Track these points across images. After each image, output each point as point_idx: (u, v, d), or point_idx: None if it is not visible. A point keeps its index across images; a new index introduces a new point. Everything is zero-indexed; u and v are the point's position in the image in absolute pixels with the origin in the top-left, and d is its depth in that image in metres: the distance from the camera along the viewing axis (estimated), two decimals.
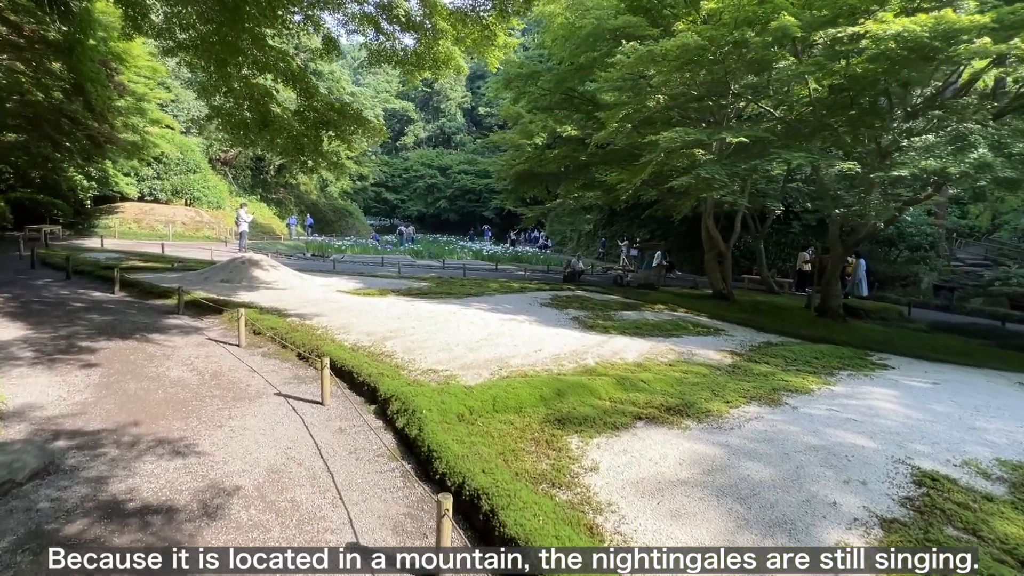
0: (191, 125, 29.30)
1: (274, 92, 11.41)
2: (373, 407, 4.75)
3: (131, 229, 21.92)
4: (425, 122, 68.14)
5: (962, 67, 8.97)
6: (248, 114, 11.62)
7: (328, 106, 11.60)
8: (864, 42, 7.07)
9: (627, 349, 6.98)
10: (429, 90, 70.47)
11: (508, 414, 4.40)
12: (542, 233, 43.99)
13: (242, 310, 6.38)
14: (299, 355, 6.09)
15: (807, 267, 16.04)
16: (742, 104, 13.17)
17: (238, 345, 6.40)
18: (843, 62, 8.20)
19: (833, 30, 7.49)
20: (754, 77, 10.53)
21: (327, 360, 4.69)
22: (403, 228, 34.01)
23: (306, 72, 11.42)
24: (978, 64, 8.69)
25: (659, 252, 23.40)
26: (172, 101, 25.74)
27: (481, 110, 72.07)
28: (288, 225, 28.93)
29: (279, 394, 4.93)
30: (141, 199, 24.28)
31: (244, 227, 17.84)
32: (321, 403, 4.76)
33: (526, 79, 15.16)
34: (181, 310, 7.83)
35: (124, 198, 23.57)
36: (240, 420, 4.23)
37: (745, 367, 6.42)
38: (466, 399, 4.49)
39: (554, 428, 4.13)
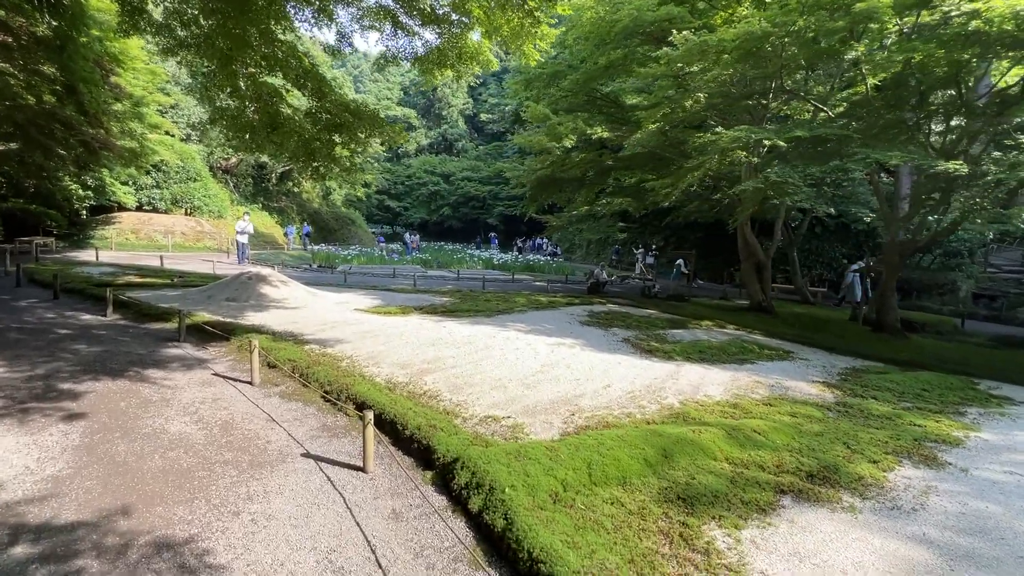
0: (191, 132, 28.42)
1: (284, 92, 10.46)
2: (430, 474, 3.72)
3: (128, 240, 20.93)
4: (427, 129, 67.50)
5: None
6: (255, 116, 10.68)
7: (342, 107, 10.65)
8: (975, 23, 6.13)
9: (706, 382, 5.96)
10: (430, 97, 69.96)
11: (612, 488, 3.38)
12: (545, 240, 43.10)
13: (255, 340, 5.37)
14: (325, 395, 5.07)
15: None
16: (774, 105, 12.24)
17: (251, 383, 5.37)
18: (929, 46, 7.25)
19: (927, 12, 6.56)
20: (802, 72, 9.64)
21: (370, 416, 3.66)
22: (409, 236, 32.99)
23: (317, 70, 10.48)
24: None
25: (680, 260, 22.48)
26: (172, 107, 24.84)
27: (483, 116, 71.47)
28: (285, 234, 27.89)
29: (308, 455, 3.90)
30: (139, 208, 23.30)
31: (245, 238, 16.80)
32: (363, 470, 3.73)
33: (549, 79, 14.27)
34: (182, 336, 6.81)
35: (121, 208, 22.60)
36: (263, 502, 3.20)
37: (856, 405, 5.40)
38: (553, 466, 3.47)
39: (681, 512, 3.10)
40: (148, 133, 17.36)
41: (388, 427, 4.36)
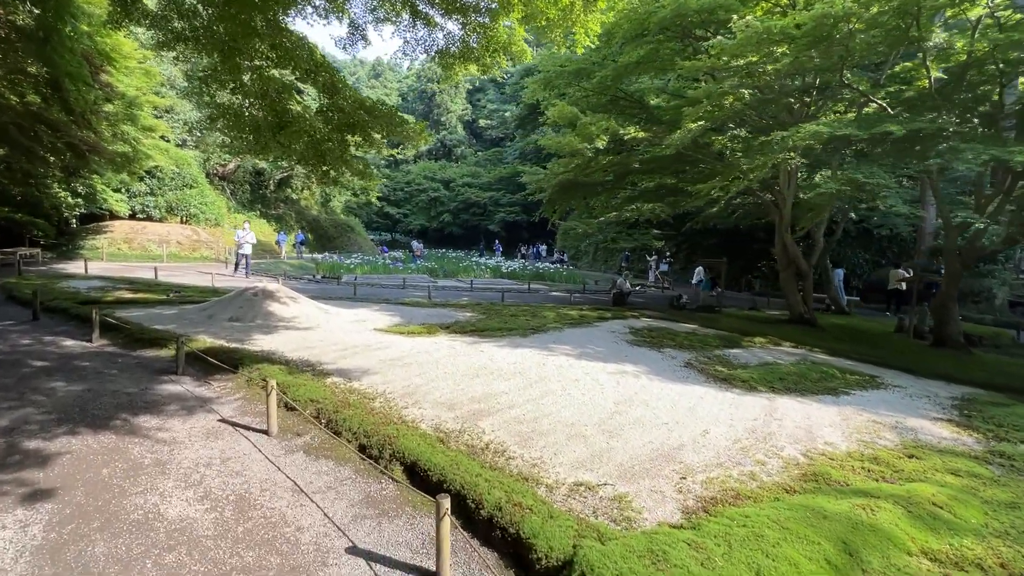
0: (187, 137, 27.37)
1: (293, 88, 9.47)
2: None
3: (120, 250, 19.81)
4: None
5: None
6: (261, 114, 9.70)
7: (356, 104, 9.67)
8: None
9: (815, 422, 4.97)
10: (429, 103, 69.31)
11: None
12: (544, 246, 42.18)
13: (272, 381, 4.33)
14: (362, 451, 4.04)
15: (902, 286, 14.08)
16: (810, 104, 11.37)
17: (267, 432, 4.33)
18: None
19: None
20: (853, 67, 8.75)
21: (446, 504, 2.63)
22: (415, 244, 31.97)
23: (328, 62, 9.50)
24: None
25: (700, 267, 21.55)
26: (167, 111, 23.79)
27: (482, 122, 70.78)
28: (277, 243, 26.71)
29: (354, 550, 2.87)
30: (132, 216, 22.18)
31: (247, 249, 15.68)
32: (436, 575, 2.70)
33: (572, 78, 13.33)
34: (181, 368, 5.75)
35: (113, 216, 21.47)
36: None
37: (1010, 452, 4.42)
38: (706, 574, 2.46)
39: None
40: (142, 137, 16.30)
41: (454, 499, 3.33)
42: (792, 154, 9.50)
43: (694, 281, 21.87)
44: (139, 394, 5.03)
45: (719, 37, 9.81)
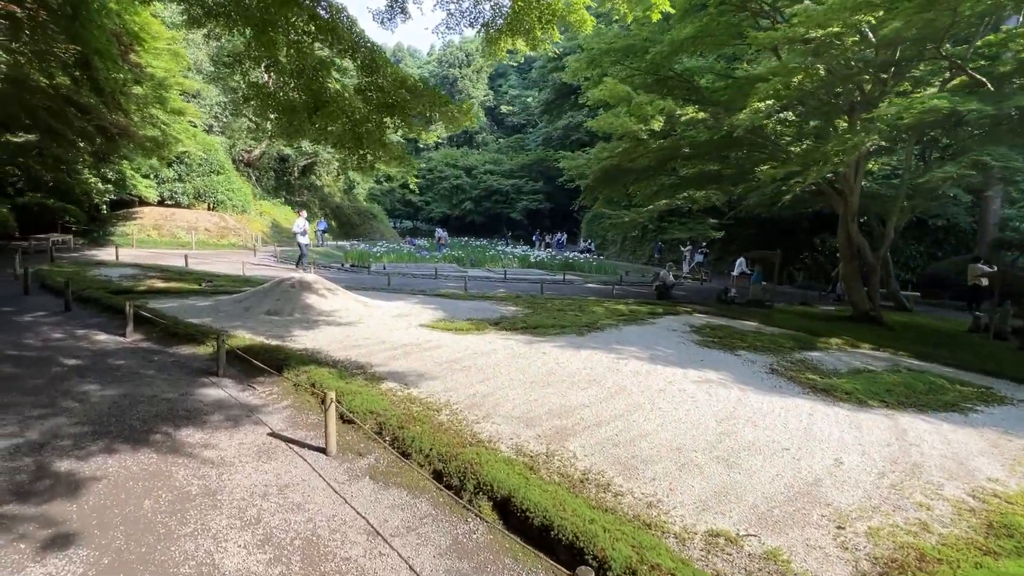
0: (214, 123, 27.13)
1: (331, 64, 8.82)
2: None
3: (150, 237, 19.67)
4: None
5: None
6: (296, 94, 9.10)
7: (398, 82, 8.99)
8: None
9: (961, 450, 4.20)
10: (450, 89, 68.32)
11: None
12: (565, 235, 41.23)
13: (331, 395, 3.73)
14: (438, 479, 3.44)
15: (983, 282, 12.95)
16: (886, 80, 10.27)
17: (325, 451, 3.76)
18: None
19: None
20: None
21: None
22: (440, 232, 31.41)
23: (368, 36, 8.82)
24: None
25: (740, 259, 20.50)
26: (194, 96, 23.48)
27: (503, 109, 69.57)
28: (295, 234, 26.34)
29: None
30: (161, 203, 22.04)
31: (304, 239, 15.10)
32: None
33: (620, 55, 12.40)
34: (222, 369, 5.23)
35: (143, 202, 21.35)
36: None
37: None
38: None
39: None
40: (171, 120, 15.93)
41: (565, 551, 2.71)
42: (874, 136, 8.54)
43: (734, 273, 20.85)
44: (179, 400, 4.51)
45: (801, 4, 8.82)
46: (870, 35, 8.39)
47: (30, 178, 18.26)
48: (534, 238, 38.22)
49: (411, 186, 10.74)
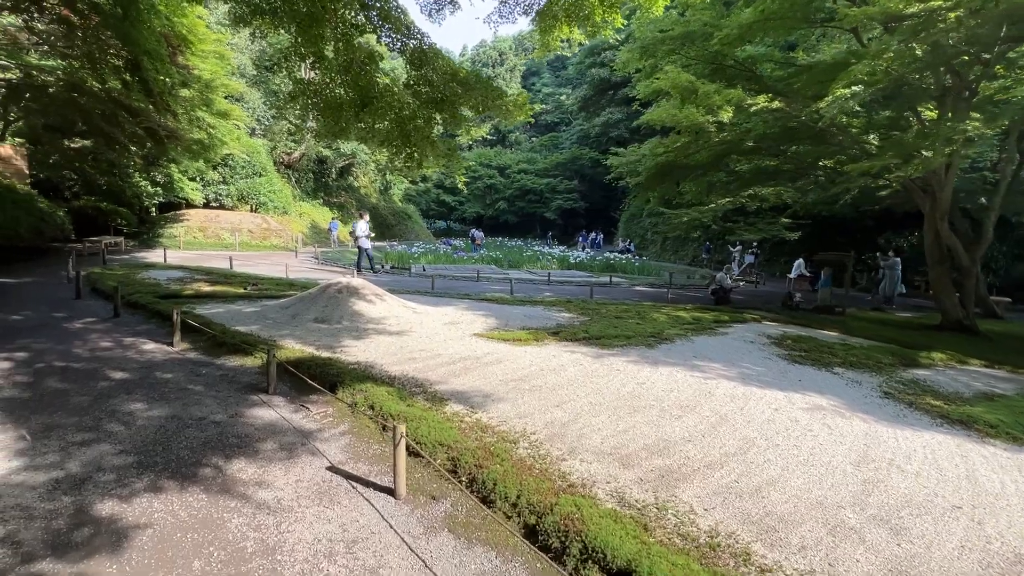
0: (256, 126, 27.55)
1: (379, 58, 8.39)
2: None
3: (196, 239, 19.98)
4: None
5: None
6: (342, 90, 8.72)
7: (449, 75, 8.49)
8: None
9: None
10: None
11: None
12: (601, 235, 40.17)
13: (401, 429, 3.18)
14: (530, 533, 2.84)
15: None
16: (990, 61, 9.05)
17: (393, 492, 3.22)
18: None
19: None
20: None
21: None
22: (476, 232, 31.04)
23: (417, 26, 8.34)
24: None
25: (799, 261, 19.16)
26: (237, 99, 23.84)
27: (537, 107, 68.73)
28: (329, 230, 26.37)
29: None
30: (206, 205, 22.47)
31: (367, 243, 14.75)
32: None
33: (677, 43, 11.56)
34: (272, 387, 4.80)
35: (189, 204, 21.79)
36: None
37: None
38: None
39: None
40: (216, 123, 16.03)
41: None
42: (992, 124, 7.48)
43: (792, 275, 19.53)
44: (229, 424, 4.08)
45: None
46: (977, 10, 7.34)
47: (85, 182, 18.85)
48: (579, 238, 37.19)
49: (459, 185, 10.22)
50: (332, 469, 3.51)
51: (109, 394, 4.48)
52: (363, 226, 14.77)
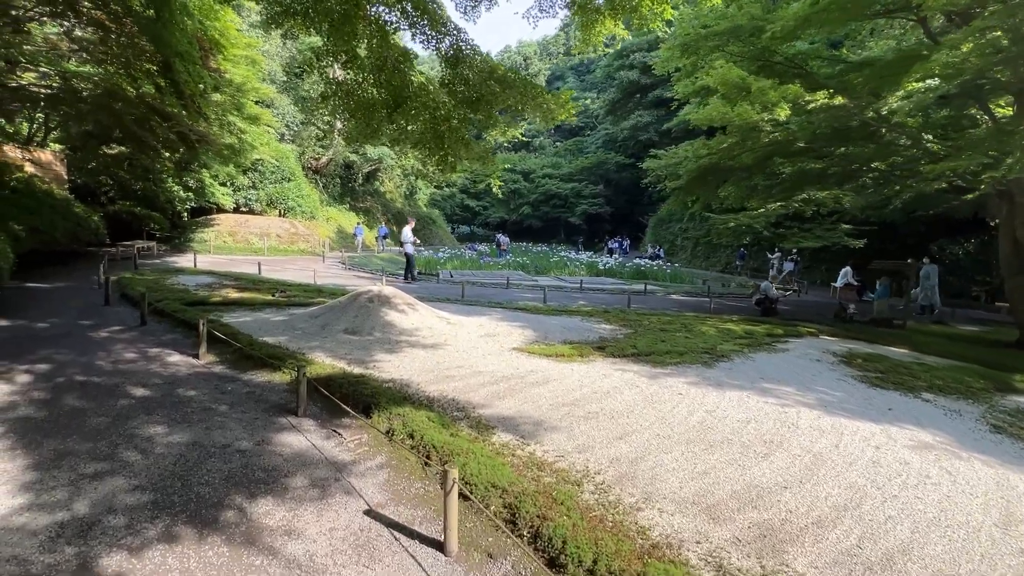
0: (285, 131, 27.78)
1: (414, 56, 8.01)
2: None
3: (226, 243, 20.07)
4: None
5: None
6: (375, 91, 8.37)
7: (486, 73, 8.05)
8: None
9: None
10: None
11: None
12: (628, 240, 39.26)
13: (452, 474, 2.69)
14: None
15: None
16: None
17: (442, 547, 2.72)
18: None
19: None
20: None
21: None
22: (501, 238, 30.65)
23: (454, 22, 7.93)
24: None
25: (846, 269, 18.10)
26: (267, 104, 24.03)
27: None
28: (354, 235, 26.27)
29: None
30: (236, 210, 22.63)
31: (411, 248, 14.53)
32: None
33: (724, 38, 10.89)
34: (302, 407, 4.38)
35: (220, 209, 21.98)
36: None
37: None
38: None
39: None
40: (247, 127, 16.02)
41: None
42: None
43: (838, 284, 18.46)
44: (255, 453, 3.65)
45: None
46: None
47: (121, 187, 19.14)
48: (611, 244, 36.35)
49: (494, 188, 9.76)
50: (371, 514, 3.03)
51: (128, 414, 4.12)
52: (409, 232, 14.44)
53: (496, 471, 3.33)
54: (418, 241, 14.79)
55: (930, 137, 10.34)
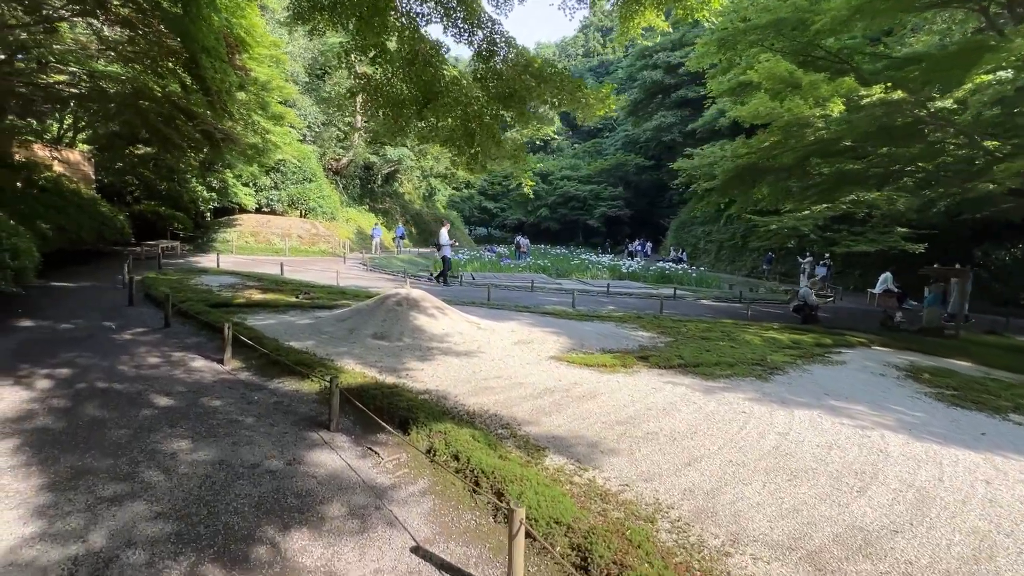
0: (307, 132, 27.83)
1: (445, 49, 7.67)
2: None
3: (248, 243, 20.05)
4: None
5: None
6: (405, 86, 8.06)
7: (520, 67, 7.68)
8: None
9: None
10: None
11: None
12: (649, 243, 38.47)
13: (519, 514, 2.31)
14: None
15: None
16: None
17: None
18: None
19: None
20: None
21: None
22: (521, 240, 30.27)
23: (488, 14, 7.58)
24: None
25: (885, 275, 17.29)
26: (290, 105, 24.06)
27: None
28: (371, 236, 26.06)
29: None
30: (258, 210, 22.66)
31: (448, 251, 14.28)
32: None
33: (768, 32, 10.34)
34: (334, 422, 4.04)
35: (242, 210, 22.02)
36: None
37: None
38: None
39: None
40: (271, 126, 15.93)
41: None
42: None
43: (876, 290, 17.64)
44: (286, 474, 3.31)
45: None
46: None
47: (146, 187, 19.27)
48: (633, 246, 35.73)
49: (525, 189, 9.38)
50: (418, 551, 2.66)
51: (151, 427, 3.82)
52: (446, 234, 14.17)
53: (556, 503, 2.93)
54: (456, 243, 14.53)
55: (984, 138, 9.69)
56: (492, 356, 6.16)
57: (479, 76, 7.75)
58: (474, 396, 4.78)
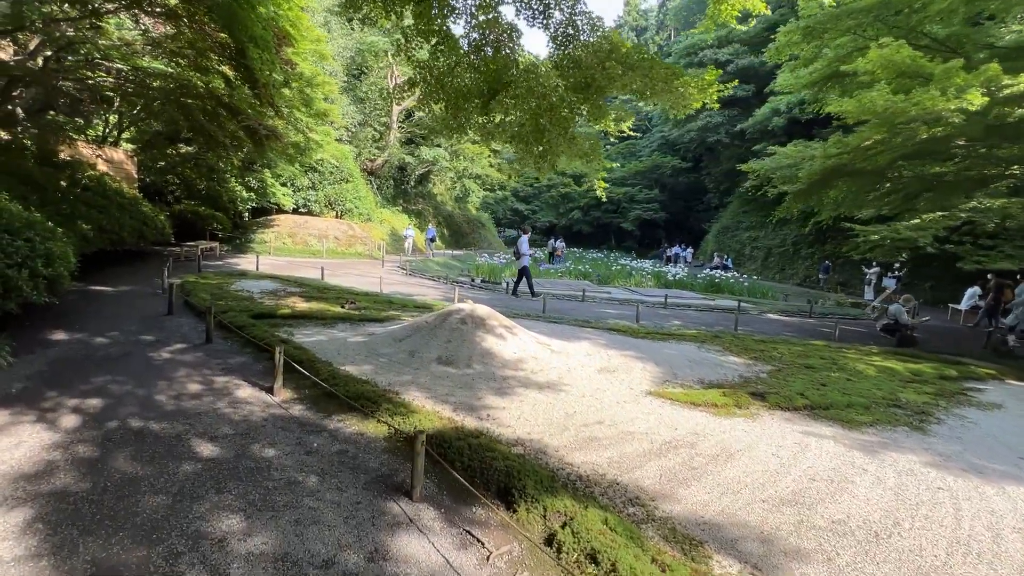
0: (343, 132, 27.51)
1: (519, 33, 6.77)
2: None
3: (285, 244, 19.69)
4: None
5: None
6: (470, 76, 7.23)
7: (603, 53, 6.72)
8: None
9: None
10: None
11: None
12: (690, 248, 36.81)
13: None
14: None
15: None
16: None
17: None
18: None
19: None
20: None
21: None
22: (556, 243, 29.27)
23: None
24: None
25: (973, 288, 15.64)
26: (330, 102, 23.71)
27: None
28: (405, 237, 25.42)
29: None
30: (295, 211, 22.35)
31: (527, 260, 12.82)
32: None
33: (869, 16, 9.13)
34: (418, 489, 3.16)
35: (280, 210, 21.72)
36: None
37: None
38: None
39: None
40: (313, 123, 15.42)
41: None
42: None
43: (962, 307, 15.96)
44: (369, 574, 2.44)
45: None
46: None
47: (187, 187, 19.11)
48: (672, 251, 34.32)
49: (598, 191, 8.45)
50: None
51: (193, 492, 3.02)
52: (527, 243, 12.76)
53: None
54: (536, 253, 13.04)
55: None
56: (579, 390, 5.22)
57: (557, 63, 6.84)
58: (579, 451, 3.85)
